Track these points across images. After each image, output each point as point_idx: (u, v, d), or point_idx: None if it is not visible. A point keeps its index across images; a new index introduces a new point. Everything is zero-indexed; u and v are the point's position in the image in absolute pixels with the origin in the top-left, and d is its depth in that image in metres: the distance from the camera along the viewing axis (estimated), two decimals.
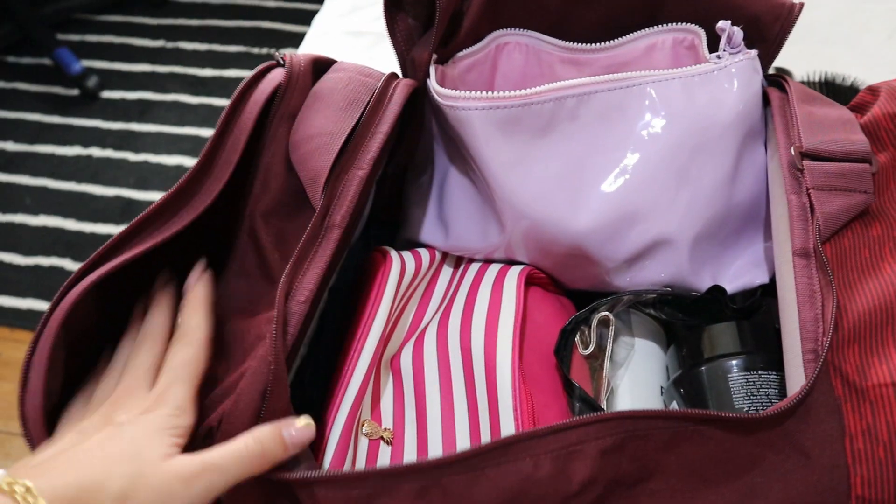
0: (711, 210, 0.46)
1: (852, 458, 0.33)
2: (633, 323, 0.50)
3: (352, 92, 0.46)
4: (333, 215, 0.40)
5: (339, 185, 0.41)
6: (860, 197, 0.40)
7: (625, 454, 0.34)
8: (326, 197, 0.41)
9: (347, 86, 0.46)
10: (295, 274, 0.38)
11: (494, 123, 0.45)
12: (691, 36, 0.51)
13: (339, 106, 0.45)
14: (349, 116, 0.44)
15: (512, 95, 0.45)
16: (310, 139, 0.43)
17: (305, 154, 0.42)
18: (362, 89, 0.46)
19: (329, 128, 0.43)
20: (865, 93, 0.47)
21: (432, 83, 0.47)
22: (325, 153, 0.42)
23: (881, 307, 0.36)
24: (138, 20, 1.88)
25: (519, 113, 0.45)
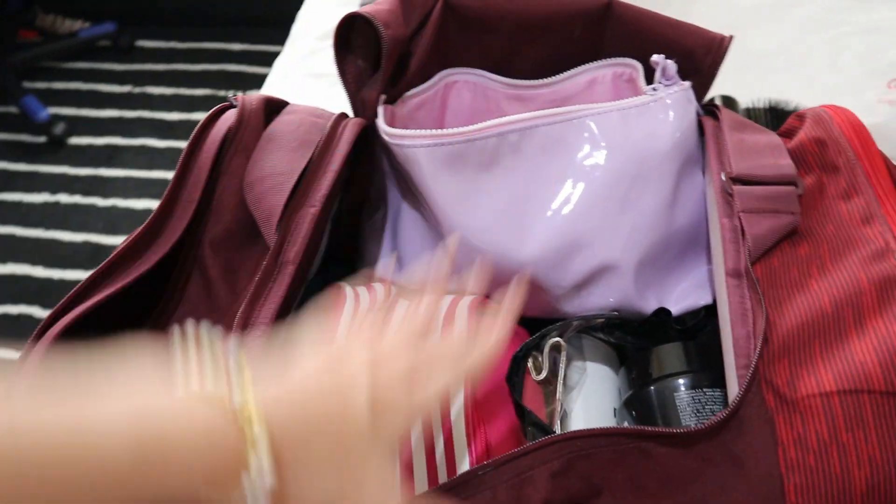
0: (653, 235, 0.48)
1: (785, 468, 0.34)
2: (584, 347, 0.51)
3: (303, 133, 0.48)
4: (287, 252, 0.42)
5: (292, 222, 0.43)
6: (787, 218, 0.42)
7: (573, 474, 0.35)
8: (280, 234, 0.42)
9: (299, 127, 0.48)
10: (251, 308, 0.40)
11: (440, 159, 0.46)
12: (630, 70, 0.54)
13: (292, 147, 0.47)
14: (301, 156, 0.46)
15: (456, 132, 0.46)
16: (263, 179, 0.45)
17: (259, 194, 0.44)
18: (313, 130, 0.48)
19: (281, 167, 0.45)
20: (793, 119, 0.49)
21: (380, 122, 0.49)
22: (278, 192, 0.44)
23: (809, 322, 0.37)
24: (105, 66, 1.90)
25: (463, 149, 0.47)
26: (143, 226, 0.42)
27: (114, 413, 0.26)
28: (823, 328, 0.37)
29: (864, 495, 0.34)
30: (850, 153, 0.44)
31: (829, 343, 0.37)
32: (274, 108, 0.50)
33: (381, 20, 0.47)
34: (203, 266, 0.42)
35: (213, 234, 0.43)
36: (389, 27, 0.49)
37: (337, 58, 0.51)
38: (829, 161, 0.44)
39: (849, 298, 0.38)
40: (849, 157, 0.44)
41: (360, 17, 0.48)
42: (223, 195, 0.45)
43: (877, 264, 0.39)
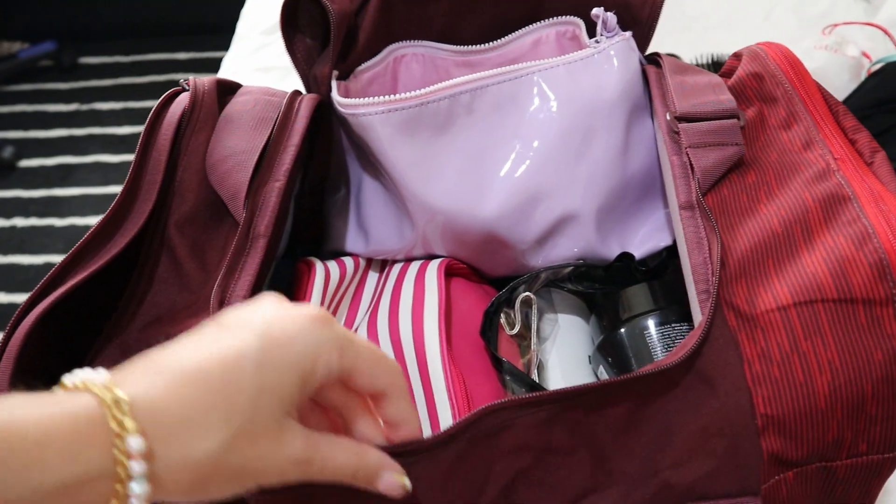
0: (610, 183, 0.49)
1: (752, 381, 0.36)
2: (554, 300, 0.53)
3: (260, 111, 0.48)
4: (258, 226, 0.43)
5: (259, 198, 0.44)
6: (732, 149, 0.43)
7: (558, 423, 0.36)
8: (248, 210, 0.43)
9: (255, 107, 0.49)
10: (227, 282, 0.40)
11: (395, 125, 0.47)
12: (572, 27, 0.55)
13: (250, 126, 0.47)
14: (260, 134, 0.46)
15: (408, 97, 0.47)
16: (225, 159, 0.45)
17: (223, 173, 0.44)
18: (269, 108, 0.48)
19: (242, 146, 0.46)
20: (732, 59, 0.51)
21: (335, 95, 0.50)
22: (242, 170, 0.44)
23: (761, 243, 0.39)
24: (50, 86, 1.87)
25: (417, 113, 0.47)
26: (108, 211, 0.42)
27: None
28: (775, 247, 0.39)
29: (828, 398, 0.35)
30: (786, 84, 0.46)
31: (782, 260, 0.38)
32: (227, 89, 0.50)
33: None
34: (171, 246, 0.43)
35: (178, 214, 0.44)
36: (335, 2, 0.49)
37: (285, 37, 0.52)
38: (767, 93, 0.46)
39: (796, 217, 0.39)
40: (785, 88, 0.46)
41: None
42: (185, 175, 0.45)
43: (820, 184, 0.40)
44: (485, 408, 0.35)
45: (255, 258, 0.41)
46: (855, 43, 0.91)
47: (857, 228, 0.37)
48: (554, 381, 0.49)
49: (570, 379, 0.49)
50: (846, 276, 0.36)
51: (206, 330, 0.30)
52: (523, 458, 0.36)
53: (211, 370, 0.28)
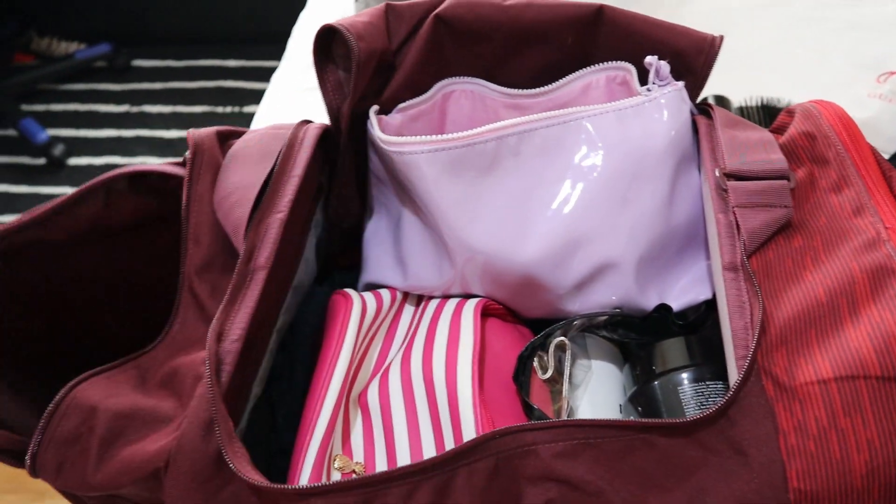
0: (652, 233, 0.49)
1: (787, 454, 0.35)
2: (588, 346, 0.52)
3: (264, 146, 0.49)
4: (258, 258, 0.43)
5: (261, 230, 0.44)
6: (781, 211, 0.43)
7: (579, 460, 0.36)
8: (249, 242, 0.43)
9: (259, 142, 0.49)
10: (226, 315, 0.41)
11: (441, 165, 0.48)
12: (623, 73, 0.55)
13: (253, 160, 0.48)
14: (262, 168, 0.47)
15: (456, 137, 0.48)
16: (229, 196, 0.46)
17: (227, 210, 0.45)
18: (273, 142, 0.49)
19: (245, 181, 0.46)
20: (784, 115, 0.51)
21: (376, 131, 0.50)
22: (243, 204, 0.45)
23: (805, 312, 0.39)
24: (102, 87, 1.91)
25: (463, 153, 0.48)
26: None
27: None
28: (819, 317, 0.38)
29: (864, 478, 0.35)
30: (839, 146, 0.45)
31: (825, 331, 0.38)
32: (227, 135, 0.51)
33: (354, 32, 0.48)
34: (195, 294, 0.44)
35: (198, 260, 0.44)
36: (363, 40, 0.49)
37: (316, 67, 0.52)
38: (819, 154, 0.46)
39: (842, 288, 0.39)
40: (838, 149, 0.45)
41: (336, 30, 0.49)
42: (197, 221, 0.46)
43: (869, 254, 0.40)
44: (501, 429, 0.36)
45: (255, 290, 0.41)
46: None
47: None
48: None
49: None
50: (891, 353, 0.35)
51: None
52: (550, 489, 0.36)
53: None
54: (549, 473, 0.36)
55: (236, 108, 1.83)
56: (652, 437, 0.36)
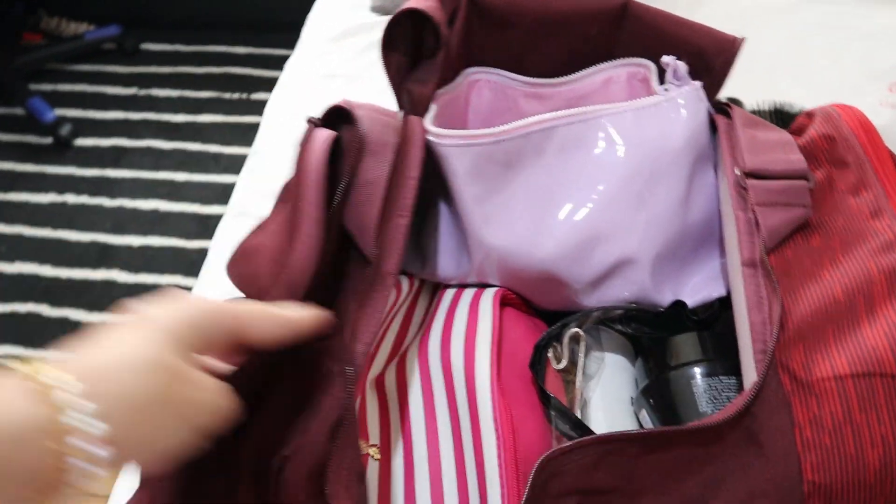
0: (669, 230, 0.50)
1: (802, 447, 0.36)
2: (602, 338, 0.53)
3: (380, 135, 0.46)
4: (387, 263, 0.43)
5: (387, 232, 0.43)
6: (800, 211, 0.43)
7: (602, 467, 0.37)
8: (379, 246, 0.43)
9: (374, 126, 0.47)
10: (358, 318, 0.41)
11: (469, 159, 0.48)
12: (643, 70, 0.55)
13: (373, 150, 0.46)
14: (382, 162, 0.45)
15: (484, 133, 0.48)
16: (356, 189, 0.45)
17: (356, 205, 0.44)
18: (388, 132, 0.47)
19: (368, 175, 0.45)
20: (803, 117, 0.51)
21: (427, 123, 0.50)
22: (372, 203, 0.44)
23: (822, 310, 0.39)
24: (110, 69, 1.91)
25: (491, 150, 0.48)
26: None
27: None
28: (836, 315, 0.39)
29: (878, 472, 0.35)
30: (858, 149, 0.46)
31: (842, 329, 0.38)
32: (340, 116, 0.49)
33: (435, 17, 0.49)
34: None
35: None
36: (441, 25, 0.50)
37: (383, 51, 0.52)
38: (838, 157, 0.46)
39: (860, 287, 0.39)
40: (857, 153, 0.46)
41: (416, 13, 0.49)
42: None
43: (886, 255, 0.40)
44: (540, 463, 0.36)
45: (384, 295, 0.41)
46: None
47: None
48: (596, 420, 0.49)
49: (612, 419, 0.49)
50: None
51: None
52: (570, 500, 0.37)
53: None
54: (572, 488, 0.37)
55: (244, 94, 1.83)
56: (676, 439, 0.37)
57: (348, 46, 0.99)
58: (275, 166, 0.86)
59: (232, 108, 1.79)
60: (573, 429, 0.45)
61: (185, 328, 0.34)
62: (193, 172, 1.65)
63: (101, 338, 0.32)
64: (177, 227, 1.55)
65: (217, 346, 0.36)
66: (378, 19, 1.03)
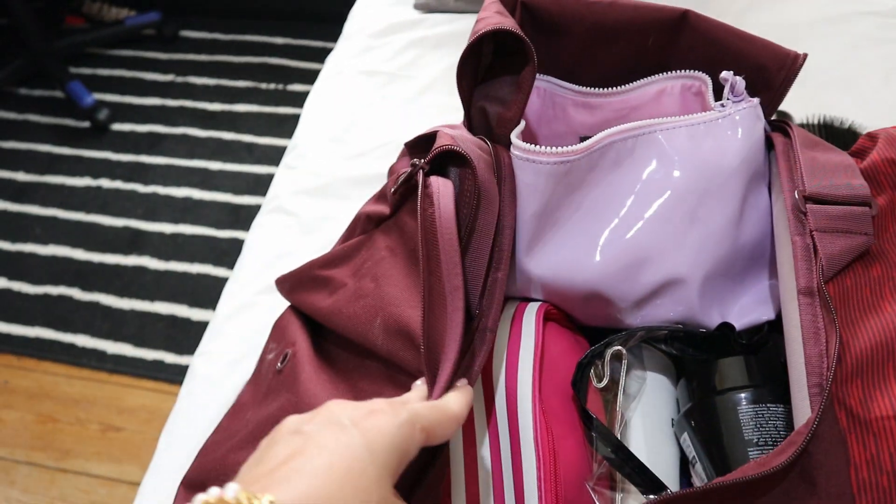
0: (719, 251, 0.48)
1: (857, 488, 0.35)
2: (644, 357, 0.52)
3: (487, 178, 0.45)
4: (488, 318, 0.42)
5: (490, 287, 0.43)
6: (861, 239, 0.42)
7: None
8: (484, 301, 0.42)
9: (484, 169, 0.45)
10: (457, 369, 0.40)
11: (537, 175, 0.46)
12: (698, 83, 0.54)
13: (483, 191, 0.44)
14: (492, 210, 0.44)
15: (551, 152, 0.45)
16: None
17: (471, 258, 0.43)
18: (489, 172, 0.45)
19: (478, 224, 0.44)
20: (865, 139, 0.50)
21: (515, 138, 0.47)
22: (483, 256, 0.43)
23: (882, 343, 0.38)
24: (149, 55, 1.92)
25: (555, 168, 0.46)
26: None
27: None
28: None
29: None
30: None
31: None
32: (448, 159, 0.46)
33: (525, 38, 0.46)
34: None
35: None
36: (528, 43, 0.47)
37: (461, 66, 0.49)
38: None
39: None
40: None
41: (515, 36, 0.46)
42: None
43: None
44: None
45: (483, 352, 0.41)
46: None
47: None
48: (636, 441, 0.48)
49: (652, 442, 0.48)
50: None
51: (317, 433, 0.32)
52: None
53: (337, 464, 0.30)
54: None
55: (280, 85, 1.83)
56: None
57: (390, 43, 0.99)
58: (314, 162, 0.86)
59: (267, 99, 1.79)
60: (614, 452, 0.44)
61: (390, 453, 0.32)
62: (227, 162, 1.66)
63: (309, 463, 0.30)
64: (208, 215, 1.56)
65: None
66: (421, 17, 1.02)
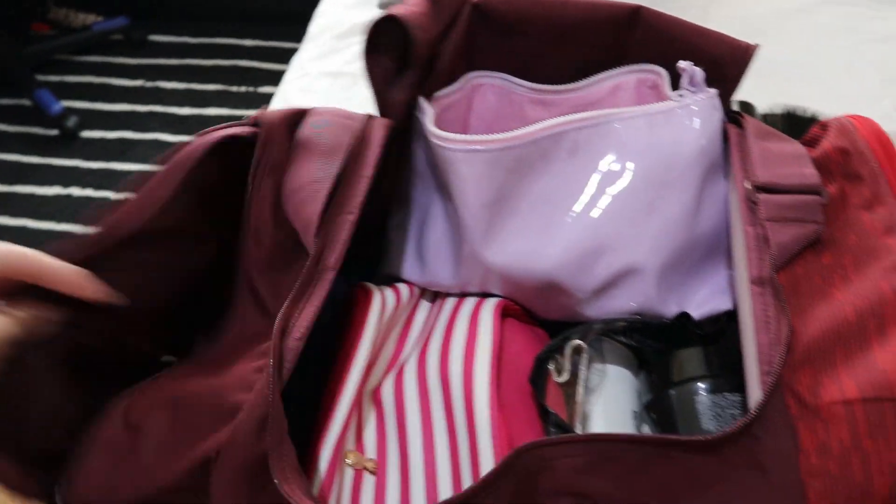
0: (677, 240, 0.49)
1: (807, 473, 0.35)
2: (605, 350, 0.52)
3: (334, 136, 0.48)
4: (328, 258, 0.42)
5: (331, 229, 0.43)
6: (812, 227, 0.42)
7: (598, 474, 0.36)
8: (320, 241, 0.43)
9: (329, 130, 0.49)
10: (290, 313, 0.40)
11: (477, 165, 0.47)
12: (654, 76, 0.54)
13: (323, 151, 0.47)
14: (333, 162, 0.46)
15: (495, 139, 0.47)
16: (300, 189, 0.45)
17: (297, 204, 0.45)
18: (343, 132, 0.48)
19: (316, 175, 0.45)
20: (817, 129, 0.50)
21: (428, 124, 0.49)
22: (315, 201, 0.44)
23: (832, 331, 0.38)
24: (118, 60, 1.91)
25: (499, 156, 0.47)
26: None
27: None
28: (846, 336, 0.38)
29: (885, 501, 0.34)
30: (873, 163, 0.45)
31: (852, 351, 0.37)
32: (296, 119, 0.50)
33: (413, 23, 0.48)
34: (256, 292, 0.43)
35: (260, 259, 0.44)
36: (421, 30, 0.49)
37: (366, 58, 0.51)
38: (852, 171, 0.45)
39: (871, 308, 0.38)
40: (872, 167, 0.44)
41: (393, 20, 0.49)
42: (260, 219, 0.46)
43: None
44: (522, 447, 0.35)
45: (322, 290, 0.41)
46: None
47: None
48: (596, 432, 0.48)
49: None
50: None
51: None
52: (563, 502, 0.35)
53: None
54: (566, 488, 0.35)
55: (251, 87, 1.82)
56: (673, 452, 0.36)
57: (355, 44, 0.98)
58: None
59: (238, 101, 1.78)
60: None
61: None
62: None
63: None
64: None
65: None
66: None
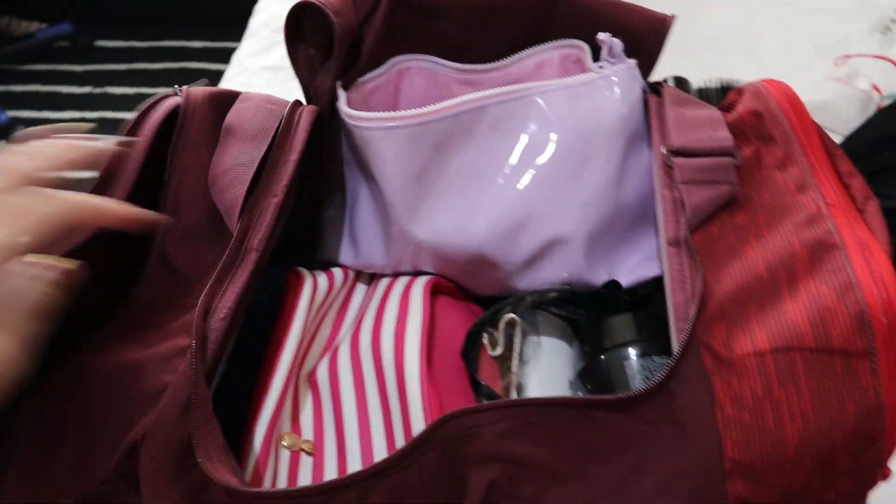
0: (602, 209, 0.49)
1: (723, 425, 0.36)
2: (539, 323, 0.52)
3: (260, 121, 0.48)
4: (251, 239, 0.43)
5: (255, 212, 0.44)
6: (725, 188, 0.43)
7: (523, 438, 0.36)
8: (243, 223, 0.43)
9: (255, 115, 0.49)
10: (214, 293, 0.40)
11: (396, 142, 0.47)
12: (576, 51, 0.55)
13: (249, 136, 0.47)
14: (259, 146, 0.46)
15: (412, 114, 0.47)
16: (225, 172, 0.45)
17: (222, 187, 0.45)
18: (269, 118, 0.48)
19: (241, 159, 0.46)
20: (733, 93, 0.51)
21: (341, 105, 0.50)
22: (239, 183, 0.44)
23: (745, 286, 0.39)
24: (64, 68, 1.88)
25: (418, 131, 0.47)
26: None
27: None
28: (759, 292, 0.39)
29: (797, 448, 0.35)
30: (785, 124, 0.46)
31: (764, 305, 0.38)
32: (222, 99, 0.50)
33: (332, 8, 0.48)
34: (169, 263, 0.43)
35: (179, 231, 0.44)
36: (340, 15, 0.49)
37: (288, 46, 0.52)
38: (766, 132, 0.46)
39: (782, 262, 0.39)
40: (784, 128, 0.46)
41: (311, 6, 0.49)
42: (180, 192, 0.46)
43: (809, 229, 0.40)
44: (445, 415, 0.36)
45: (245, 271, 0.41)
46: (867, 76, 0.91)
47: (841, 278, 0.37)
48: None
49: None
50: (826, 325, 0.36)
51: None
52: (493, 469, 0.36)
53: None
54: (493, 454, 0.36)
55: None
56: (594, 412, 0.36)
57: None
58: None
59: None
60: None
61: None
62: None
63: None
64: None
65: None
66: None
